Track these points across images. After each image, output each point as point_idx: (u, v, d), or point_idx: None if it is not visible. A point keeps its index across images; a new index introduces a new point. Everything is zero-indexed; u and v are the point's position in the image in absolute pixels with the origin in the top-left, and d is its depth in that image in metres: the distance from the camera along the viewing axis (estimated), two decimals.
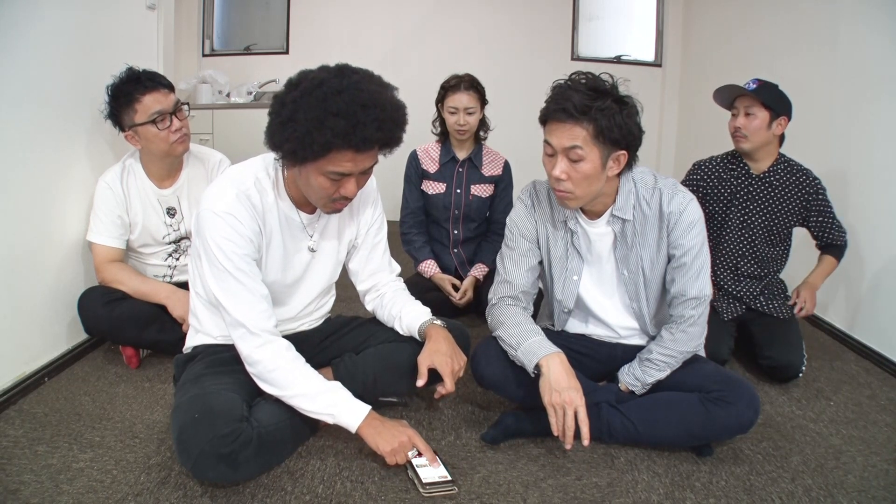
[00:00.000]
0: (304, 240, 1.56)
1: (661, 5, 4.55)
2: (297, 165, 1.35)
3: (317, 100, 1.24)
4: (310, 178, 1.35)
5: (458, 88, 2.39)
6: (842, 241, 2.19)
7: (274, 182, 1.47)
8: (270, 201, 1.46)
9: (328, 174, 1.32)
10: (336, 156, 1.28)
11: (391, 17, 4.36)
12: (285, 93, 1.30)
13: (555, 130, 1.45)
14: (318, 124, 1.23)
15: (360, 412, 1.42)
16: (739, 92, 2.06)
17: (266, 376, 1.41)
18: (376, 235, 1.70)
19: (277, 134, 1.29)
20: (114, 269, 2.01)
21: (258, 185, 1.44)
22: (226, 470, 1.30)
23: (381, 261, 1.72)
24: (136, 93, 1.90)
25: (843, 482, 1.50)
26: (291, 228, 1.52)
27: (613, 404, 1.60)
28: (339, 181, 1.35)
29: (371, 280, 1.73)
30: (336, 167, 1.30)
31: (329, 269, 1.65)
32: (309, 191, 1.40)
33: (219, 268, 1.39)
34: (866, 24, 2.46)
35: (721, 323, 2.14)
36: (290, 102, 1.27)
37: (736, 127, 2.08)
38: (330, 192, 1.36)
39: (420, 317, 1.65)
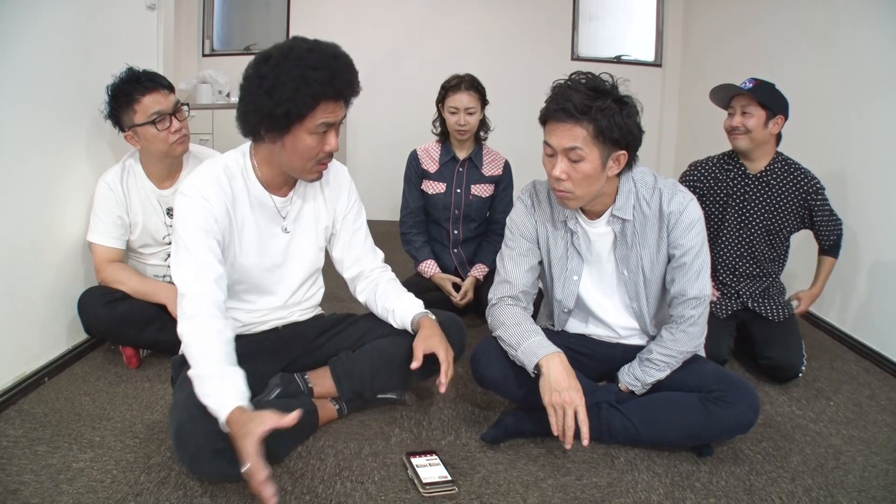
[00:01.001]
0: (278, 223, 1.58)
1: (661, 5, 4.55)
2: (283, 133, 1.39)
3: (294, 61, 1.34)
4: (296, 144, 1.41)
5: (459, 88, 2.39)
6: (838, 232, 2.19)
7: (242, 168, 1.52)
8: (240, 186, 1.50)
9: (316, 129, 1.39)
10: (323, 107, 1.37)
11: (391, 17, 4.36)
12: (257, 68, 1.37)
13: (555, 130, 1.45)
14: (303, 80, 1.33)
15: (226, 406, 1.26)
16: (736, 91, 2.06)
17: (186, 350, 1.37)
18: (355, 222, 1.72)
19: (266, 103, 1.35)
20: (114, 269, 2.01)
21: (227, 172, 1.49)
22: (223, 464, 1.30)
23: (364, 247, 1.74)
24: (136, 93, 1.90)
25: (843, 482, 1.50)
26: (265, 212, 1.55)
27: (613, 404, 1.60)
28: (324, 137, 1.42)
29: (356, 267, 1.73)
30: (324, 118, 1.38)
31: (310, 254, 1.66)
32: (294, 159, 1.44)
33: (178, 243, 1.42)
34: (866, 24, 2.47)
35: (721, 323, 2.14)
36: (269, 72, 1.34)
37: (733, 126, 2.08)
38: (316, 150, 1.43)
39: (412, 309, 1.66)
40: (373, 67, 4.28)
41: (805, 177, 2.11)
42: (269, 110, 1.35)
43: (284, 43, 1.39)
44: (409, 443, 1.60)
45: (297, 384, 1.64)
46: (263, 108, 1.35)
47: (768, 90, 2.05)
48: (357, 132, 4.43)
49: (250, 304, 1.63)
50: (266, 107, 1.35)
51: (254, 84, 1.37)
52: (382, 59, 4.30)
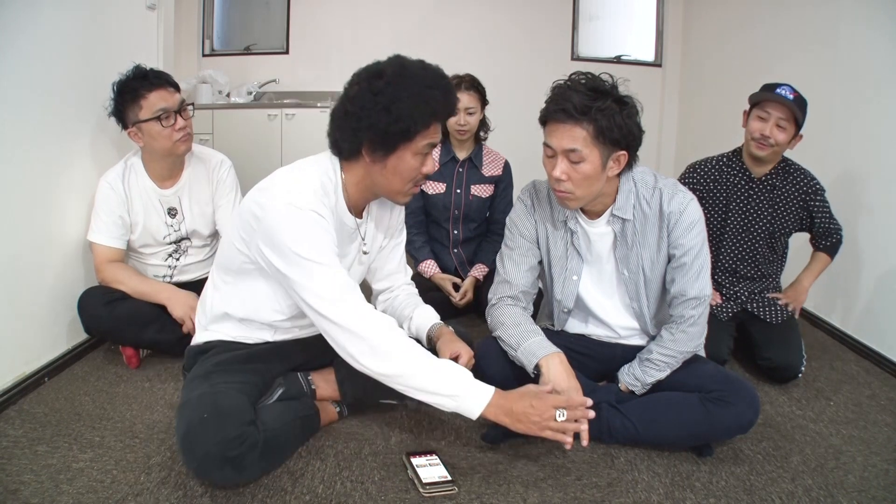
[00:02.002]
0: (353, 243, 1.57)
1: (661, 5, 4.54)
2: (389, 152, 1.38)
3: (410, 79, 1.34)
4: (399, 164, 1.39)
5: (459, 88, 2.39)
6: (837, 237, 2.19)
7: (335, 186, 1.47)
8: (332, 204, 1.46)
9: (422, 149, 1.40)
10: (434, 127, 1.39)
11: (391, 17, 4.36)
12: (371, 83, 1.35)
13: (555, 131, 1.45)
14: (421, 98, 1.33)
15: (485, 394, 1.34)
16: (778, 99, 1.98)
17: (376, 350, 1.33)
18: (398, 237, 1.73)
19: (381, 118, 1.33)
20: (114, 269, 2.01)
21: (324, 187, 1.44)
22: (231, 472, 1.30)
23: (400, 263, 1.75)
24: (143, 89, 1.90)
25: (843, 482, 1.50)
26: (343, 232, 1.51)
27: (613, 404, 1.60)
28: (425, 159, 1.43)
29: (387, 281, 1.75)
30: (431, 139, 1.40)
31: (363, 272, 1.68)
32: (394, 180, 1.43)
33: (312, 262, 1.34)
34: (866, 24, 2.47)
35: (721, 323, 2.13)
36: (385, 88, 1.33)
37: (764, 135, 2.02)
38: (416, 172, 1.43)
39: (430, 320, 1.66)
40: None
41: (806, 178, 2.11)
42: (385, 126, 1.33)
43: (394, 59, 1.38)
44: (409, 443, 1.60)
45: (301, 385, 1.63)
46: (379, 123, 1.33)
47: (804, 108, 2.01)
48: None
49: (295, 327, 1.60)
50: (382, 122, 1.33)
51: (367, 100, 1.34)
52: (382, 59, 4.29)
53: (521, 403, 1.35)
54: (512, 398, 1.36)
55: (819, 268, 2.23)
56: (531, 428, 1.35)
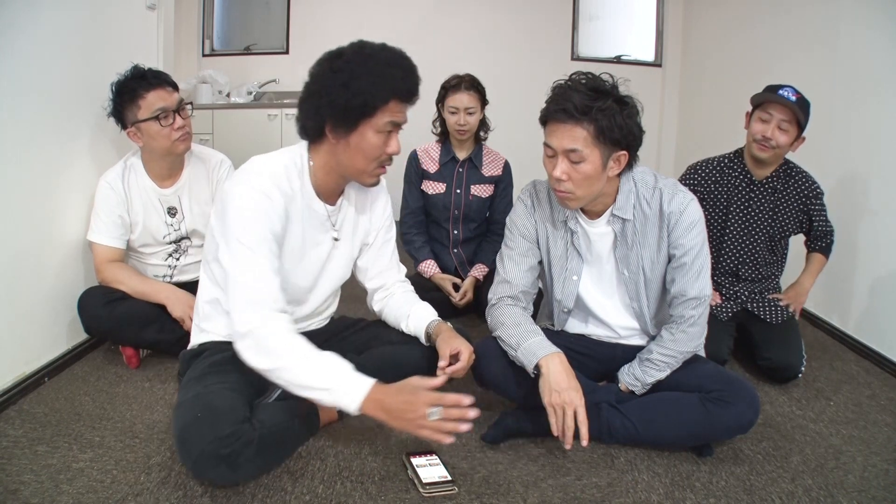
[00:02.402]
0: (325, 232, 1.56)
1: (661, 5, 4.55)
2: (350, 129, 1.39)
3: (369, 57, 1.37)
4: (361, 142, 1.40)
5: (459, 88, 2.39)
6: (831, 238, 2.20)
7: (301, 169, 1.49)
8: (297, 188, 1.48)
9: (383, 127, 1.40)
10: (393, 104, 1.39)
11: (391, 17, 4.36)
12: (331, 63, 1.38)
13: (555, 131, 1.45)
14: (380, 75, 1.36)
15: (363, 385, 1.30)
16: (780, 101, 1.98)
17: (262, 343, 1.33)
18: (387, 232, 1.72)
19: (341, 94, 1.35)
20: (114, 268, 2.01)
21: (287, 172, 1.46)
22: (226, 470, 1.30)
23: (391, 260, 1.74)
24: (141, 89, 1.90)
25: (843, 482, 1.50)
26: (312, 219, 1.52)
27: (613, 404, 1.60)
28: (388, 138, 1.43)
29: (380, 279, 1.73)
30: (392, 116, 1.40)
31: (344, 266, 1.66)
32: (357, 159, 1.43)
33: (236, 239, 1.36)
34: (866, 24, 2.47)
35: (721, 323, 2.13)
36: (344, 66, 1.36)
37: (766, 136, 2.01)
38: (380, 151, 1.43)
39: (428, 317, 1.65)
40: None
41: (807, 182, 2.11)
42: (345, 102, 1.35)
43: (354, 42, 1.41)
44: (409, 443, 1.60)
45: None
46: (338, 99, 1.35)
47: (807, 109, 2.01)
48: None
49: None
50: (341, 98, 1.35)
51: (327, 78, 1.37)
52: None
53: (396, 398, 1.29)
54: (389, 392, 1.30)
55: (817, 268, 2.23)
56: (406, 425, 1.29)
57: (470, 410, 1.29)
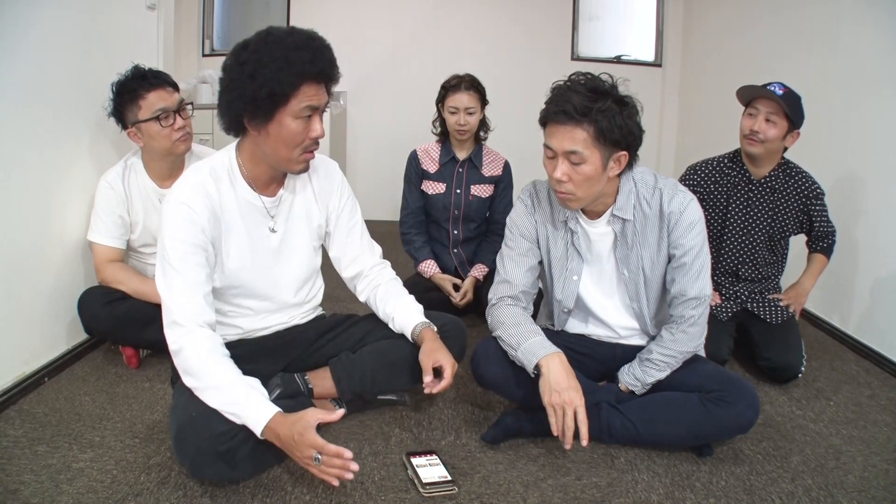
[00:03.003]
0: (267, 223, 1.55)
1: (661, 5, 4.55)
2: (266, 119, 1.37)
3: (274, 44, 1.33)
4: (281, 130, 1.38)
5: (459, 88, 2.39)
6: (833, 238, 2.19)
7: (229, 169, 1.49)
8: (226, 187, 1.47)
9: (301, 113, 1.36)
10: (306, 88, 1.35)
11: (391, 17, 4.36)
12: (237, 55, 1.36)
13: (555, 132, 1.45)
14: (285, 60, 1.31)
15: (264, 415, 1.29)
16: (764, 94, 1.99)
17: (184, 365, 1.35)
18: (350, 219, 1.69)
19: (249, 86, 1.33)
20: (114, 268, 2.01)
21: (213, 174, 1.46)
22: (223, 468, 1.31)
23: (361, 244, 1.71)
24: (141, 89, 1.90)
25: (843, 482, 1.50)
26: (253, 213, 1.52)
27: (613, 404, 1.60)
28: (309, 122, 1.39)
29: (354, 266, 1.71)
30: (308, 101, 1.36)
31: (304, 255, 1.63)
32: (279, 148, 1.41)
33: (163, 256, 1.40)
34: (866, 24, 2.46)
35: (720, 323, 2.13)
36: (249, 57, 1.33)
37: (753, 130, 2.02)
38: (302, 137, 1.40)
39: (413, 318, 1.63)
40: (373, 67, 4.28)
41: (807, 181, 2.11)
42: (253, 93, 1.33)
43: (260, 30, 1.38)
44: (409, 443, 1.60)
45: (297, 384, 1.64)
46: (247, 92, 1.33)
47: (796, 102, 2.01)
48: (357, 132, 4.43)
49: (249, 309, 1.60)
50: (249, 90, 1.33)
51: (234, 71, 1.35)
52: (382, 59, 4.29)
53: (288, 433, 1.27)
54: (285, 425, 1.28)
55: (819, 269, 2.23)
56: (298, 461, 1.29)
57: (347, 471, 1.24)
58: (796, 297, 2.21)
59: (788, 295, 2.21)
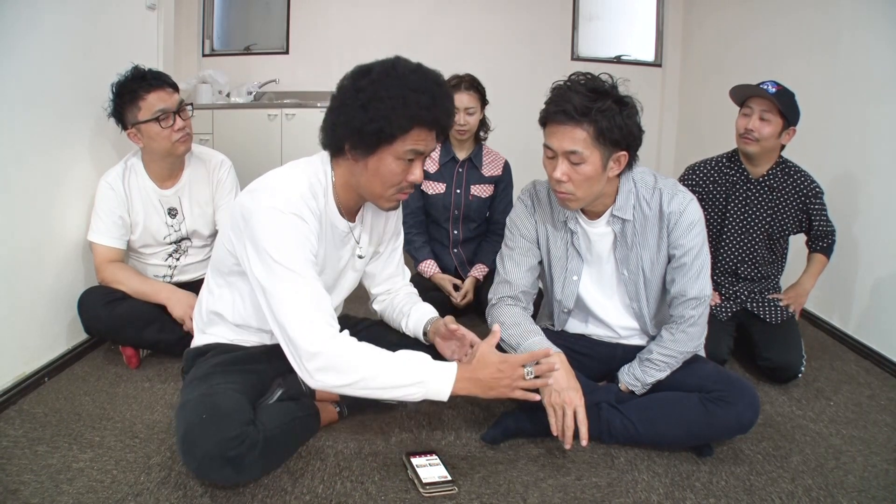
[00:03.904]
0: (345, 247, 1.54)
1: (661, 5, 4.54)
2: (369, 152, 1.34)
3: (397, 79, 1.30)
4: (380, 167, 1.35)
5: (459, 88, 2.39)
6: (832, 238, 2.20)
7: (325, 188, 1.45)
8: (322, 206, 1.44)
9: (404, 154, 1.34)
10: (416, 133, 1.32)
11: (391, 17, 4.36)
12: (355, 81, 1.33)
13: (555, 132, 1.45)
14: (403, 100, 1.28)
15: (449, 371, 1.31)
16: (758, 92, 2.01)
17: (330, 363, 1.29)
18: (396, 240, 1.72)
19: (358, 116, 1.30)
20: (114, 269, 2.01)
21: (313, 190, 1.41)
22: (231, 472, 1.29)
23: (398, 266, 1.74)
24: (141, 90, 1.90)
25: (843, 482, 1.50)
26: (333, 236, 1.50)
27: (613, 404, 1.60)
28: (409, 166, 1.37)
29: (386, 284, 1.74)
30: (414, 144, 1.33)
31: (356, 276, 1.66)
32: (374, 183, 1.38)
33: (281, 266, 1.31)
34: (866, 25, 2.47)
35: (720, 323, 2.13)
36: (368, 86, 1.30)
37: (748, 129, 2.02)
38: (399, 178, 1.37)
39: (427, 315, 1.65)
40: None
41: (805, 180, 2.11)
42: (360, 125, 1.30)
43: (387, 60, 1.34)
44: (409, 443, 1.60)
45: (300, 386, 1.63)
46: (355, 121, 1.30)
47: (790, 99, 2.01)
48: None
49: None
50: (358, 121, 1.30)
51: (349, 95, 1.32)
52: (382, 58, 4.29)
53: (487, 371, 1.34)
54: (476, 368, 1.34)
55: (818, 269, 2.23)
56: (503, 392, 1.36)
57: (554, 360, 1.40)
58: (796, 297, 2.21)
59: (788, 295, 2.21)
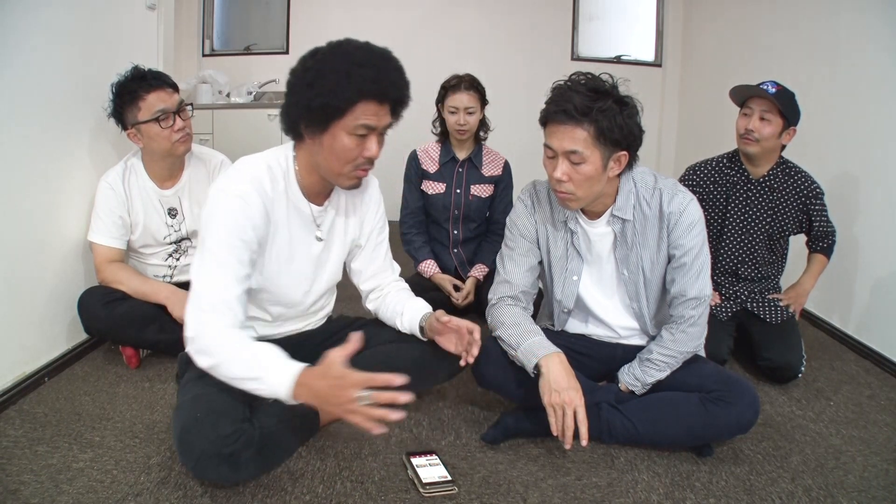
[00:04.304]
0: (312, 231, 1.54)
1: (661, 5, 4.55)
2: (321, 129, 1.35)
3: (341, 55, 1.32)
4: (334, 143, 1.36)
5: (459, 88, 2.39)
6: (833, 239, 2.20)
7: (285, 171, 1.47)
8: (280, 189, 1.45)
9: (355, 130, 1.34)
10: (363, 107, 1.32)
11: (391, 17, 4.36)
12: (304, 62, 1.35)
13: (555, 132, 1.45)
14: (346, 75, 1.29)
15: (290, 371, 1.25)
16: (757, 93, 2.01)
17: (199, 345, 1.31)
18: (379, 235, 1.70)
19: (305, 94, 1.32)
20: (114, 269, 2.01)
21: (270, 173, 1.44)
22: (227, 471, 1.30)
23: (384, 261, 1.73)
24: (141, 90, 1.90)
25: (843, 482, 1.50)
26: (300, 219, 1.51)
27: (613, 404, 1.60)
28: (364, 140, 1.37)
29: (374, 280, 1.73)
30: (364, 119, 1.33)
31: (335, 267, 1.65)
32: (331, 160, 1.39)
33: (204, 244, 1.35)
34: (866, 24, 2.46)
35: (720, 323, 2.13)
36: (314, 64, 1.32)
37: (748, 129, 2.02)
38: (354, 154, 1.37)
39: (421, 310, 1.64)
40: None
41: (806, 181, 2.11)
42: (308, 102, 1.32)
43: (334, 40, 1.36)
44: (409, 443, 1.60)
45: None
46: (303, 99, 1.33)
47: (790, 100, 2.01)
48: None
49: (268, 314, 1.58)
50: (305, 98, 1.32)
51: (298, 76, 1.34)
52: None
53: (324, 382, 1.22)
54: (316, 377, 1.23)
55: (819, 269, 2.23)
56: (337, 411, 1.23)
57: (401, 394, 1.19)
58: (796, 297, 2.21)
59: (788, 295, 2.21)
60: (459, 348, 1.55)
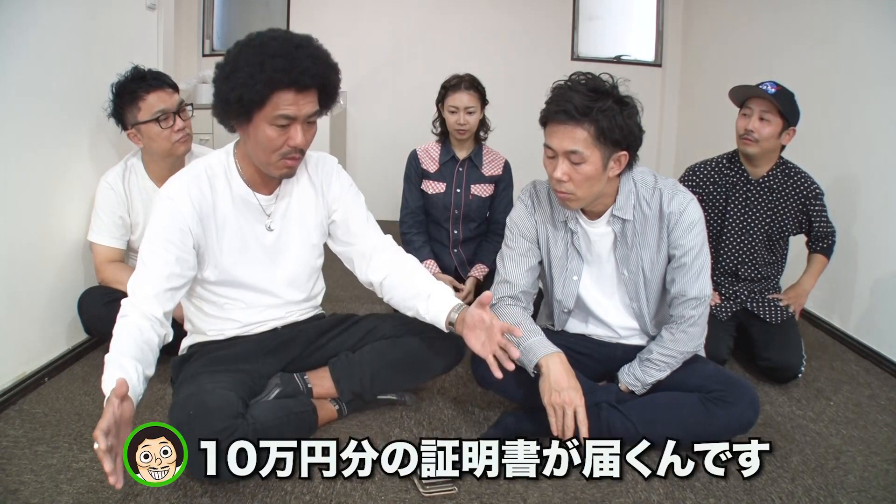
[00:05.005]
0: (262, 221, 1.56)
1: (661, 5, 4.54)
2: (246, 121, 1.37)
3: (254, 48, 1.33)
4: (258, 135, 1.38)
5: (459, 88, 2.39)
6: (833, 239, 2.19)
7: (226, 166, 1.50)
8: (222, 184, 1.49)
9: (275, 121, 1.35)
10: (279, 97, 1.33)
11: (391, 17, 4.36)
12: (226, 55, 1.38)
13: (556, 132, 1.45)
14: (258, 67, 1.31)
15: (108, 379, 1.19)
16: (757, 93, 2.00)
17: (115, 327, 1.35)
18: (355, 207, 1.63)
19: (223, 87, 1.34)
20: (114, 269, 2.01)
21: (209, 171, 1.48)
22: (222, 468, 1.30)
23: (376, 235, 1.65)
24: (141, 91, 1.91)
25: (843, 482, 1.50)
26: (249, 211, 1.53)
27: (613, 404, 1.60)
28: (287, 130, 1.38)
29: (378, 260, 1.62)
30: (283, 109, 1.34)
31: (301, 252, 1.61)
32: (257, 151, 1.42)
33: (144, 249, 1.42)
34: (866, 23, 2.46)
35: (720, 323, 2.13)
36: (231, 58, 1.35)
37: (748, 129, 2.02)
38: (278, 143, 1.39)
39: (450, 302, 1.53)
40: (373, 67, 4.29)
41: (806, 181, 2.11)
42: (226, 95, 1.33)
43: (253, 33, 1.37)
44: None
45: (297, 384, 1.64)
46: (221, 93, 1.35)
47: (789, 100, 2.01)
48: (357, 132, 4.43)
49: (242, 302, 1.59)
50: (224, 92, 1.34)
51: (218, 69, 1.37)
52: (382, 59, 4.29)
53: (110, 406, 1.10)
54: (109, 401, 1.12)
55: (818, 269, 2.23)
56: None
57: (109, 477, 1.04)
58: (796, 297, 2.20)
59: (788, 295, 2.21)
60: (486, 349, 1.43)
